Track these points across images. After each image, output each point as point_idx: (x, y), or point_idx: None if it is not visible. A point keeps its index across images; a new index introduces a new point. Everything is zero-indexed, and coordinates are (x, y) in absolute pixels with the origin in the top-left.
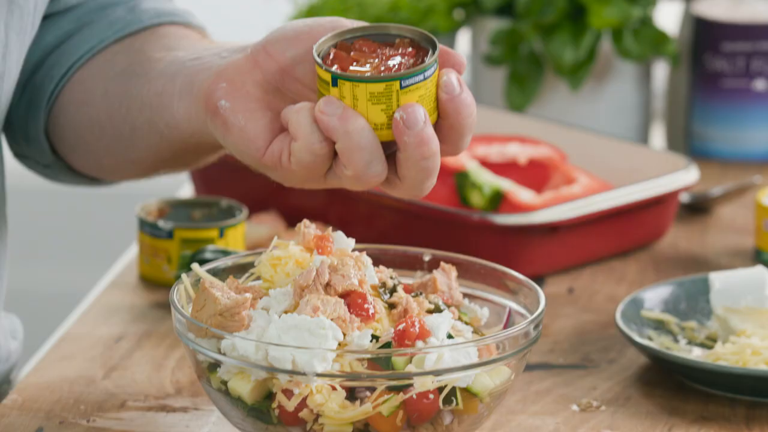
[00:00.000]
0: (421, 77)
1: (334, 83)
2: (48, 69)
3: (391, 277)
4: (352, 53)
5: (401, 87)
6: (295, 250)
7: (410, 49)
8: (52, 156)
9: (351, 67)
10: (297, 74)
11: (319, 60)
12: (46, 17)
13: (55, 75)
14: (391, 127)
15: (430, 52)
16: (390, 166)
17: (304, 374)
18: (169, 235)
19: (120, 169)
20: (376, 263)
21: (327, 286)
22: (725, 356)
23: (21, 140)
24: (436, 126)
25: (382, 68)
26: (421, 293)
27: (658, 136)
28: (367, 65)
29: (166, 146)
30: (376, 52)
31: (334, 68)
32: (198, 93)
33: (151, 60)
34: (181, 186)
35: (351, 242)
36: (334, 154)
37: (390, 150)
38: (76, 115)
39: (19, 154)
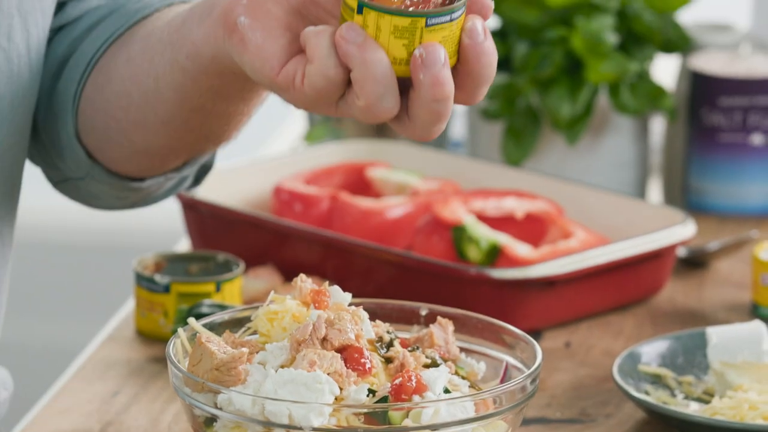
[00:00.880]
0: (447, 18)
1: (360, 10)
2: (68, 72)
3: (388, 332)
4: None
5: (426, 25)
6: (292, 305)
7: None
8: (88, 161)
9: None
10: None
11: None
12: (56, 31)
13: (75, 76)
14: (409, 64)
15: None
16: (402, 104)
17: (300, 429)
18: (166, 289)
19: (153, 143)
20: (372, 317)
21: (324, 341)
22: (722, 411)
23: (55, 158)
24: (454, 71)
25: (409, 2)
26: (417, 348)
27: (655, 190)
28: None
29: (190, 85)
30: None
31: None
32: (218, 14)
33: (169, 17)
34: (178, 240)
35: (348, 297)
36: (349, 83)
37: (405, 86)
38: (101, 96)
39: (57, 182)
